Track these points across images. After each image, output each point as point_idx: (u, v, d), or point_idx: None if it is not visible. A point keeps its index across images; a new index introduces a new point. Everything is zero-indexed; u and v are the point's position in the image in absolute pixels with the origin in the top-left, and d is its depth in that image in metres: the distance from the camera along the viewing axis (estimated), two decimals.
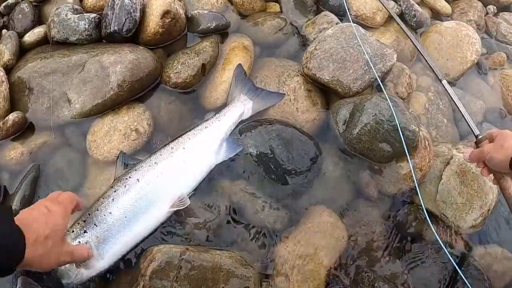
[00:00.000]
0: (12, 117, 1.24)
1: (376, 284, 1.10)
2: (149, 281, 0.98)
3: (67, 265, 0.94)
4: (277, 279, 1.07)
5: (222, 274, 1.01)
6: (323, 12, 1.62)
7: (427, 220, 1.13)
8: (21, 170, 1.21)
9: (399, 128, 1.22)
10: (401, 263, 1.19)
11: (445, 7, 1.90)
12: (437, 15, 1.92)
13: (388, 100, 1.27)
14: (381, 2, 1.51)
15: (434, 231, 1.10)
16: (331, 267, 1.12)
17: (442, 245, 1.08)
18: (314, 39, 1.48)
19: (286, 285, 1.06)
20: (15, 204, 1.14)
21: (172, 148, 1.14)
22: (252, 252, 1.10)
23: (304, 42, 1.54)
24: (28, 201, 1.15)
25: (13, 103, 1.30)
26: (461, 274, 1.11)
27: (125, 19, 1.30)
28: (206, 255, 1.03)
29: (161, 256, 1.01)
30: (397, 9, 1.74)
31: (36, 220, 0.77)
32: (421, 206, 1.16)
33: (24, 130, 1.26)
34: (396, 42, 1.64)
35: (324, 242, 1.13)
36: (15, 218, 0.74)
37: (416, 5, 1.76)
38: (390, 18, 1.72)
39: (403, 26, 1.42)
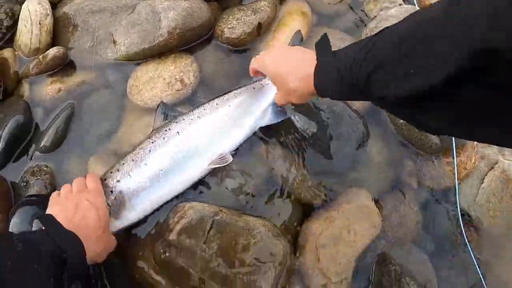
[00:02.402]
0: (53, 51, 1.19)
1: (402, 280, 1.02)
2: (177, 238, 0.92)
3: None
4: (306, 255, 1.00)
5: (254, 242, 0.94)
6: None
7: (460, 223, 1.05)
8: (55, 107, 1.16)
9: None
10: (429, 261, 1.11)
11: None
12: None
13: None
14: None
15: (465, 237, 1.03)
16: (361, 252, 1.05)
17: (471, 252, 1.00)
18: (375, 17, 1.38)
19: (314, 262, 0.99)
20: (45, 140, 1.09)
21: (217, 104, 1.07)
22: (285, 224, 1.03)
23: (362, 19, 1.45)
24: (60, 138, 1.11)
25: (55, 39, 1.25)
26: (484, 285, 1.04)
27: None
28: (239, 219, 0.96)
29: (193, 213, 0.95)
30: None
31: (91, 218, 0.82)
32: (457, 207, 1.09)
33: (63, 66, 1.21)
34: None
35: (358, 226, 1.05)
36: (70, 222, 0.78)
37: None
38: None
39: None
